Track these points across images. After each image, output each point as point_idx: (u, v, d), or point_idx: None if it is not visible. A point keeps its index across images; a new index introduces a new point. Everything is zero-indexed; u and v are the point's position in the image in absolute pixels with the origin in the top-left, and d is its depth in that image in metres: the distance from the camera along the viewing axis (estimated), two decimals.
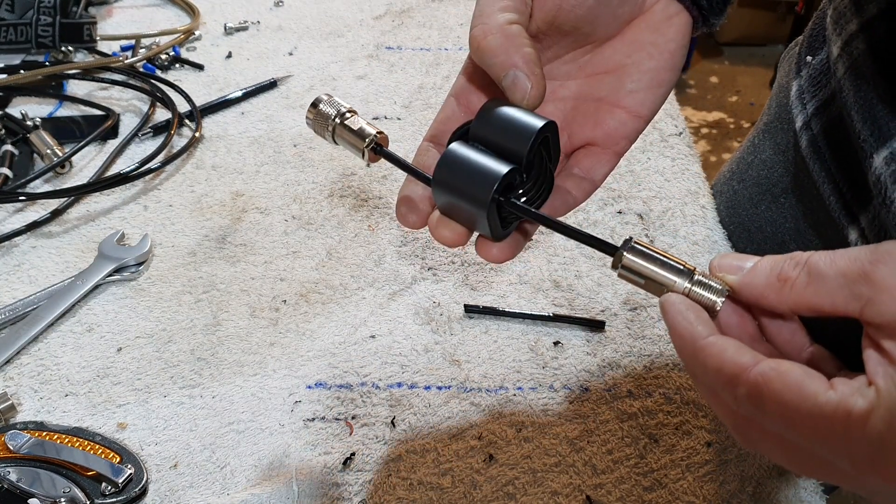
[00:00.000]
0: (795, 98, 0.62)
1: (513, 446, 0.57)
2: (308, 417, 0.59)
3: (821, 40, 0.62)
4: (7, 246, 0.72)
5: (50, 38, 0.96)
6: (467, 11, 1.11)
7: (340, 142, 0.43)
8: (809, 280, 0.32)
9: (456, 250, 0.72)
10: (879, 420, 0.29)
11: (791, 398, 0.30)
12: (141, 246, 0.71)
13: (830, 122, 0.58)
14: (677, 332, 0.34)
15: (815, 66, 0.61)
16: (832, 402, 0.29)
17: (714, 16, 0.44)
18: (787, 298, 0.33)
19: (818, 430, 0.30)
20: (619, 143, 0.44)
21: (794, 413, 0.30)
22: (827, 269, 0.32)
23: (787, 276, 0.33)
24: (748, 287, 0.34)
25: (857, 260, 0.31)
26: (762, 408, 0.31)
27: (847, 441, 0.30)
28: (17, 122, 0.83)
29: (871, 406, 0.29)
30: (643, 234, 0.75)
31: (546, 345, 0.64)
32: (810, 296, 0.32)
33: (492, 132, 0.39)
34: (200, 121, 0.87)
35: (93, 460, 0.54)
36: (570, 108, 0.45)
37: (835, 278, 0.31)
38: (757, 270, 0.34)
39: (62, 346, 0.64)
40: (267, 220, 0.76)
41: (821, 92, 0.59)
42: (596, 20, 0.42)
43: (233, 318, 0.66)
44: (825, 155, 0.58)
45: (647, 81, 0.43)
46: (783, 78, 0.70)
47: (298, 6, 1.12)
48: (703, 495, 0.54)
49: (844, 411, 0.29)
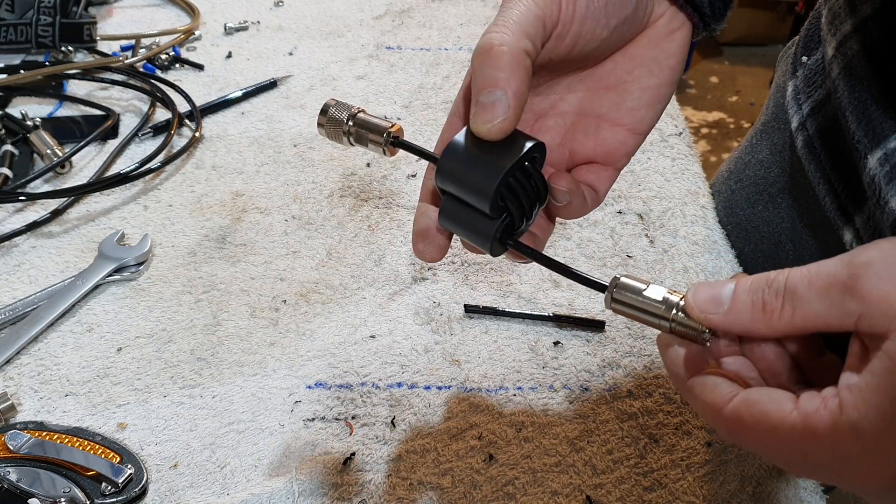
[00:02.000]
0: (791, 98, 0.62)
1: (513, 446, 0.57)
2: (308, 417, 0.59)
3: (816, 40, 0.62)
4: (7, 246, 0.72)
5: (50, 38, 0.96)
6: (467, 11, 1.11)
7: (358, 142, 0.43)
8: (795, 307, 0.32)
9: (456, 250, 0.72)
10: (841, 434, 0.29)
11: (761, 427, 0.31)
12: (141, 246, 0.71)
13: (825, 123, 0.58)
14: (669, 373, 0.36)
15: (811, 67, 0.61)
16: (797, 424, 0.30)
17: (715, 21, 0.44)
18: (777, 327, 0.32)
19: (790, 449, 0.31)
20: (620, 160, 0.44)
21: (766, 439, 0.32)
22: (807, 292, 0.31)
23: (771, 308, 0.32)
24: (735, 324, 0.34)
25: (835, 277, 0.30)
26: (743, 440, 0.33)
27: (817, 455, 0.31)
28: (17, 122, 0.83)
29: (833, 421, 0.29)
30: (643, 234, 0.75)
31: (546, 345, 0.64)
32: (800, 321, 0.32)
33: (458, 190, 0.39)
34: (200, 121, 0.87)
35: (93, 460, 0.54)
36: (571, 123, 0.45)
37: (818, 300, 0.31)
38: (738, 307, 0.33)
39: (62, 346, 0.64)
40: (267, 220, 0.76)
41: (816, 92, 0.59)
42: (605, 48, 0.42)
43: (233, 318, 0.66)
44: (820, 155, 0.58)
45: (648, 98, 0.43)
46: (780, 78, 0.70)
47: (298, 6, 1.12)
48: (703, 495, 0.54)
49: (809, 430, 0.30)
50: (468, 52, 1.02)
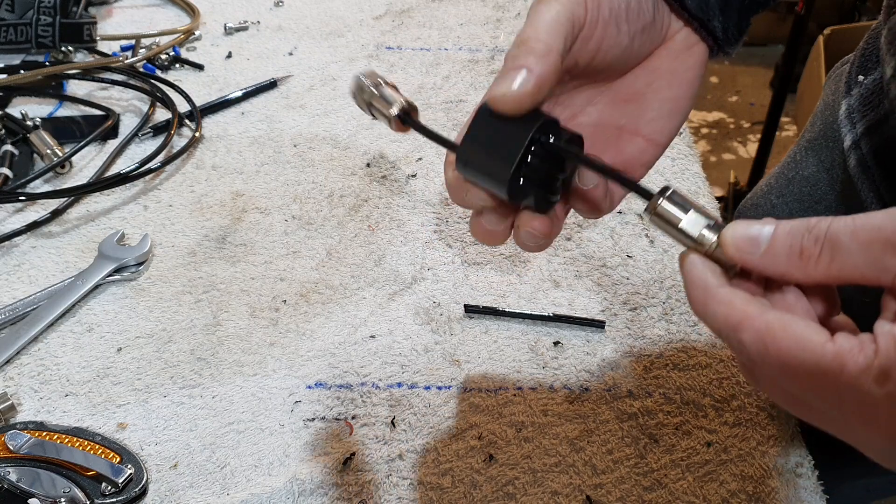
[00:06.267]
0: (844, 117, 0.62)
1: (513, 446, 0.57)
2: (308, 417, 0.59)
3: (874, 60, 0.61)
4: (7, 246, 0.72)
5: (50, 38, 0.96)
6: (467, 11, 1.11)
7: (376, 113, 0.42)
8: (833, 256, 0.31)
9: (456, 250, 0.72)
10: (871, 378, 0.29)
11: (791, 346, 0.31)
12: (141, 246, 0.71)
13: (882, 143, 0.58)
14: (691, 281, 0.35)
15: (867, 86, 0.61)
16: (829, 353, 0.30)
17: (729, 45, 0.45)
18: (813, 274, 0.32)
19: (812, 380, 0.31)
20: (638, 170, 0.45)
21: (792, 361, 0.31)
22: (850, 242, 0.31)
23: (809, 253, 0.32)
24: (770, 267, 0.33)
25: (880, 230, 0.30)
26: (764, 354, 0.32)
27: (837, 393, 0.30)
28: (17, 122, 0.83)
29: (867, 362, 0.29)
30: (643, 234, 0.75)
31: (546, 345, 0.64)
32: (836, 271, 0.31)
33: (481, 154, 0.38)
34: (200, 121, 0.87)
35: (93, 460, 0.54)
36: (590, 134, 0.44)
37: (859, 252, 0.31)
38: (776, 248, 0.33)
39: (62, 346, 0.64)
40: (267, 220, 0.76)
41: (872, 112, 0.59)
42: (626, 59, 0.43)
43: (233, 318, 0.66)
44: (874, 175, 0.58)
45: (667, 110, 0.44)
46: (829, 96, 0.70)
47: (298, 6, 1.12)
48: (703, 495, 0.54)
49: (839, 364, 0.30)
50: (468, 52, 1.02)
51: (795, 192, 0.72)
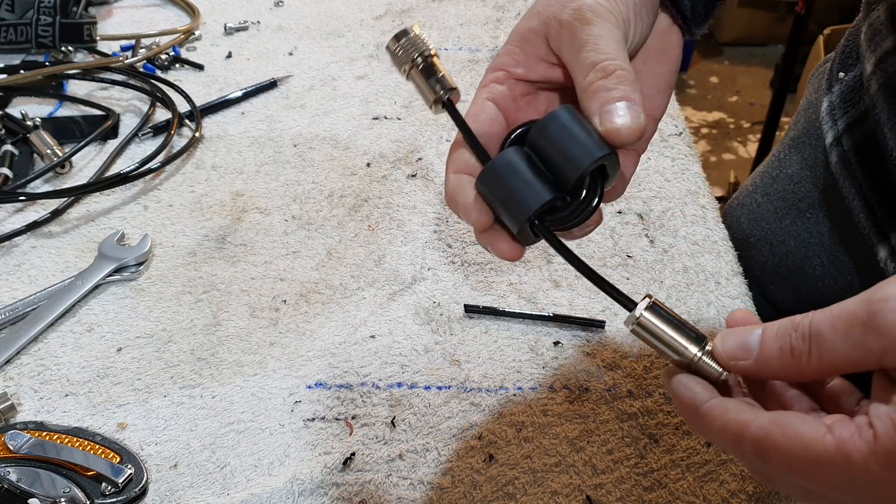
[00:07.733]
0: (826, 114, 0.62)
1: (513, 446, 0.57)
2: (308, 417, 0.59)
3: (854, 57, 0.62)
4: (7, 246, 0.72)
5: (50, 38, 0.96)
6: (467, 11, 1.11)
7: (414, 82, 0.41)
8: (821, 351, 0.32)
9: (456, 250, 0.72)
10: (877, 464, 0.29)
11: (792, 448, 0.31)
12: (141, 246, 0.71)
13: (862, 139, 0.58)
14: (680, 402, 0.36)
15: (848, 83, 0.61)
16: (831, 447, 0.30)
17: (696, 26, 0.47)
18: (807, 371, 0.33)
19: (822, 476, 0.31)
20: (641, 145, 0.46)
21: (797, 461, 0.31)
22: (832, 334, 0.32)
23: (799, 351, 0.33)
24: (765, 370, 0.34)
25: (854, 315, 0.31)
26: (768, 460, 0.32)
27: (850, 484, 0.31)
28: (17, 122, 0.83)
29: (868, 448, 0.30)
30: (643, 234, 0.75)
31: (546, 345, 0.64)
32: (827, 364, 0.32)
33: (549, 146, 0.38)
34: (200, 121, 0.87)
35: (93, 460, 0.54)
36: None
37: (842, 341, 0.31)
38: (767, 353, 0.34)
39: (62, 346, 0.64)
40: (267, 220, 0.76)
41: (853, 108, 0.59)
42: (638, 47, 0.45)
43: (233, 318, 0.66)
44: (856, 171, 0.58)
45: (661, 85, 0.46)
46: (812, 94, 0.70)
47: (298, 6, 1.12)
48: (703, 495, 0.54)
49: (843, 455, 0.30)
50: (468, 52, 1.02)
51: (780, 190, 0.72)
